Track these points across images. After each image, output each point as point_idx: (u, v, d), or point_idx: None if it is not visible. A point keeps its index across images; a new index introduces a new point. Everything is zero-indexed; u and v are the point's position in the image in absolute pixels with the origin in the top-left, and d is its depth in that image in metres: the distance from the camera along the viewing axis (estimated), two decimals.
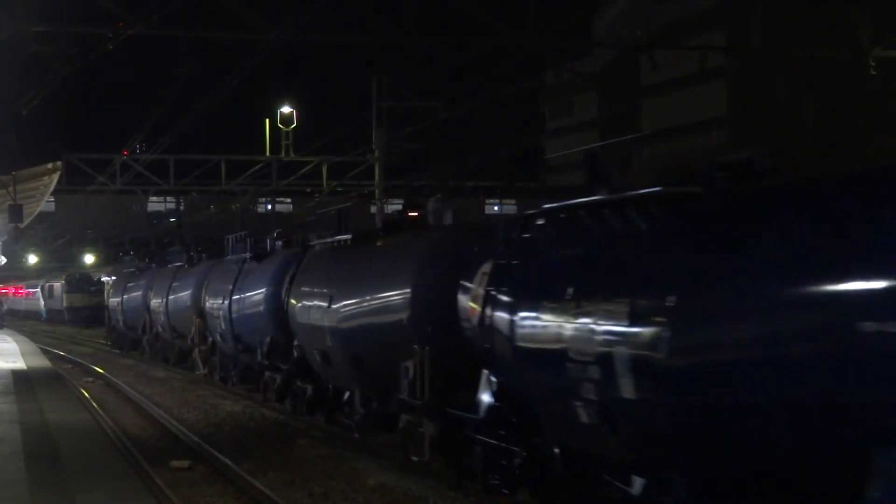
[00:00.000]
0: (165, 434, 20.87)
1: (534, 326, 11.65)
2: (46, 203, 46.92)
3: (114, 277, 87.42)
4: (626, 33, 44.24)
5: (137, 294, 42.13)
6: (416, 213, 19.02)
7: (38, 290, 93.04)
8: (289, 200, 68.71)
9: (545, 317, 11.31)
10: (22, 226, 37.30)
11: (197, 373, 32.58)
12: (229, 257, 30.35)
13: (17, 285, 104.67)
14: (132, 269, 47.05)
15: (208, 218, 68.99)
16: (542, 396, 11.81)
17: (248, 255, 27.74)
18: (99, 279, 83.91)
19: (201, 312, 31.33)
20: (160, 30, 23.41)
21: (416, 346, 15.48)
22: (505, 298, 12.39)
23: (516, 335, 11.95)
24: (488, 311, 12.76)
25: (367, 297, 17.58)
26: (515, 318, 12.00)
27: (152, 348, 40.18)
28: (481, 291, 13.05)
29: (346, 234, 20.73)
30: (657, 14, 47.17)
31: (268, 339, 24.25)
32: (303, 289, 20.88)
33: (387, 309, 16.85)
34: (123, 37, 22.75)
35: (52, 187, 36.59)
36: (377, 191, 40.84)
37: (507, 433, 12.88)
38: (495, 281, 12.78)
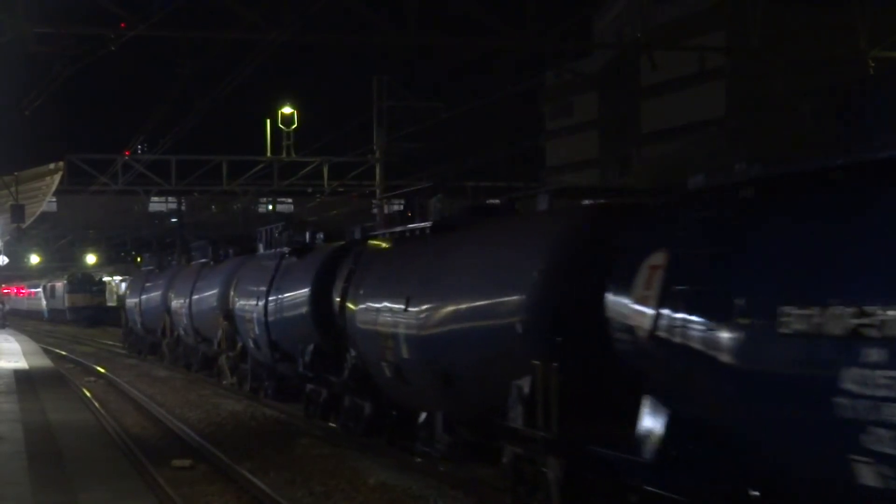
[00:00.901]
0: (167, 433, 20.94)
1: (768, 342, 8.12)
2: (48, 203, 47.04)
3: (116, 278, 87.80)
4: (626, 33, 44.27)
5: (156, 294, 39.04)
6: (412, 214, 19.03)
7: (40, 290, 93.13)
8: (290, 201, 68.82)
9: (794, 326, 7.83)
10: (24, 226, 37.39)
11: (224, 382, 29.54)
12: (263, 252, 26.72)
13: (20, 285, 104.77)
14: (151, 268, 43.67)
15: (209, 218, 69.07)
16: (778, 438, 8.28)
17: (286, 249, 24.24)
18: (101, 279, 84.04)
19: (229, 314, 28.22)
20: (161, 30, 23.49)
21: (536, 362, 12.13)
22: (701, 301, 9.01)
23: (728, 352, 8.53)
24: (665, 318, 9.47)
25: (464, 298, 14.18)
26: (723, 329, 8.58)
27: (173, 353, 37.11)
28: (652, 292, 9.76)
29: (417, 221, 17.25)
30: (657, 14, 47.18)
31: (311, 347, 21.31)
32: (365, 288, 17.63)
33: (494, 312, 13.32)
34: (125, 38, 22.83)
35: (53, 187, 36.69)
36: (378, 191, 40.90)
37: (694, 483, 9.58)
38: (678, 277, 9.48)
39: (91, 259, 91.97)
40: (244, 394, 27.02)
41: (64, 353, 44.77)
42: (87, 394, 27.24)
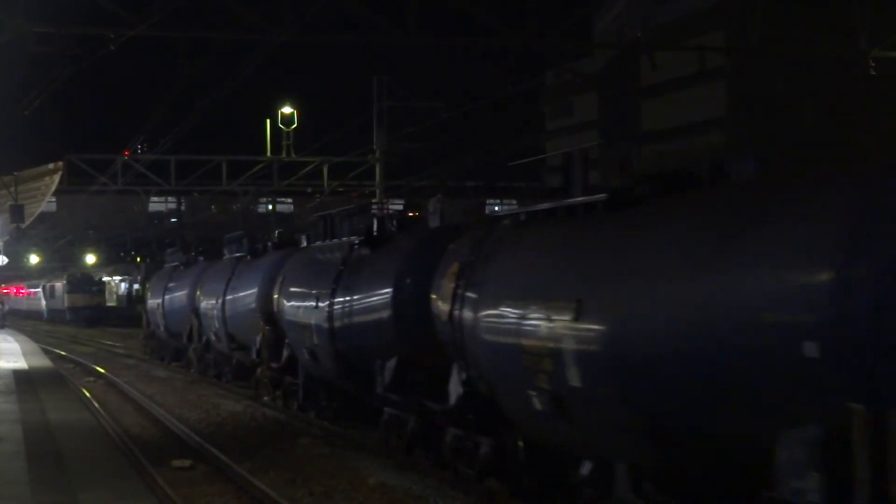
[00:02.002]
0: (167, 433, 20.92)
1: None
2: (48, 203, 47.06)
3: (115, 278, 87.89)
4: (626, 33, 44.27)
5: (182, 294, 34.64)
6: (415, 213, 19.04)
7: (40, 290, 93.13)
8: (290, 201, 68.83)
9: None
10: (23, 226, 37.40)
11: (266, 398, 25.03)
12: (321, 244, 21.93)
13: (19, 285, 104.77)
14: (175, 264, 38.82)
15: (209, 218, 69.08)
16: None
17: (355, 240, 19.76)
18: (100, 279, 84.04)
19: (272, 318, 24.11)
20: (161, 31, 23.49)
21: (855, 405, 7.65)
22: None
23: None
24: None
25: (704, 305, 9.05)
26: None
27: (201, 361, 32.81)
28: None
29: (568, 196, 12.65)
30: (657, 14, 47.20)
31: (394, 363, 16.96)
32: (491, 288, 12.81)
33: (767, 325, 8.37)
34: (125, 37, 22.83)
35: (53, 187, 36.71)
36: (378, 191, 40.90)
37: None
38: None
39: (91, 259, 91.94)
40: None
41: (63, 353, 44.75)
42: (87, 394, 27.22)
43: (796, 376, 8.12)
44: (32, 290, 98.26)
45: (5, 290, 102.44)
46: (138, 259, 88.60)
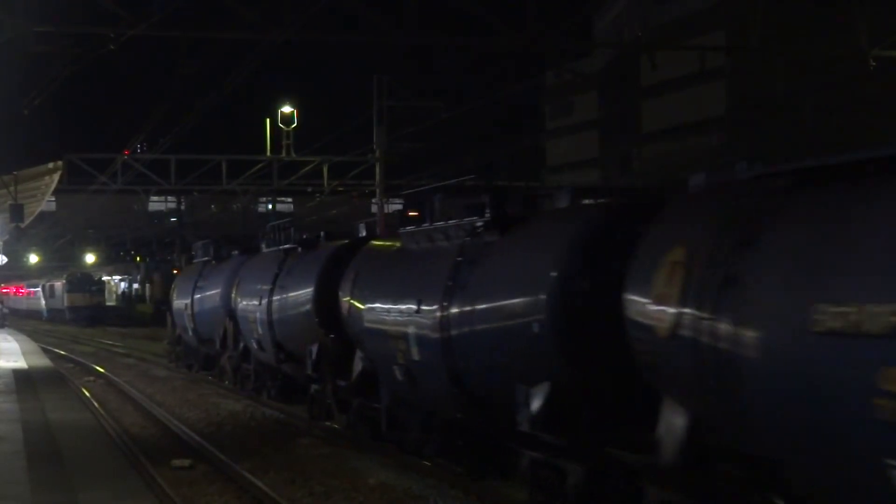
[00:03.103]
0: (166, 433, 20.92)
1: None
2: (47, 202, 47.07)
3: (115, 278, 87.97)
4: (626, 33, 44.27)
5: (214, 293, 29.77)
6: (416, 213, 19.00)
7: (40, 289, 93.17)
8: (290, 200, 68.82)
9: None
10: (23, 225, 37.39)
11: (328, 423, 20.52)
12: (427, 226, 16.00)
13: (19, 285, 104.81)
14: (206, 259, 33.35)
15: (209, 217, 69.09)
16: None
17: (478, 220, 14.35)
18: (100, 279, 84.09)
19: (334, 324, 19.47)
20: (161, 30, 23.48)
21: None
22: None
23: None
24: None
25: None
26: None
27: (237, 372, 28.17)
28: None
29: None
30: (657, 14, 47.20)
31: (546, 389, 12.18)
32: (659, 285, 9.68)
33: None
34: (125, 37, 22.82)
35: (53, 187, 36.70)
36: (378, 191, 40.90)
37: None
38: None
39: (90, 258, 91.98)
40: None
41: (63, 352, 44.75)
42: (87, 393, 27.22)
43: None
44: (32, 289, 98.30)
45: (5, 290, 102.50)
46: (138, 258, 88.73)
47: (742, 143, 44.37)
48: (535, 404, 12.22)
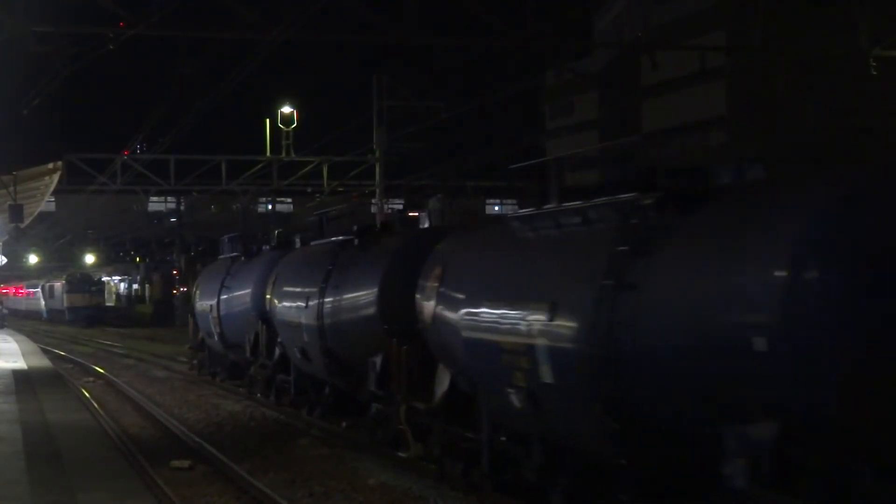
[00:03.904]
0: (166, 434, 20.89)
1: None
2: (47, 203, 46.98)
3: (115, 278, 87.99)
4: (626, 33, 44.27)
5: (244, 293, 26.39)
6: (416, 213, 19.01)
7: (39, 290, 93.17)
8: (289, 200, 68.79)
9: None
10: (22, 226, 37.34)
11: (403, 454, 16.71)
12: (527, 212, 13.06)
13: (18, 285, 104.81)
14: (234, 254, 29.60)
15: (209, 218, 69.07)
16: None
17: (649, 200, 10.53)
18: (99, 279, 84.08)
19: (407, 331, 16.02)
20: (161, 30, 23.45)
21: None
22: None
23: None
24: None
25: None
26: None
27: (269, 384, 24.72)
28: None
29: None
30: (657, 14, 47.22)
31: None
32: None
33: None
34: (124, 37, 22.79)
35: (52, 187, 36.61)
36: (377, 191, 40.88)
37: None
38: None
39: (90, 259, 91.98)
40: (243, 393, 25.55)
41: (62, 353, 44.73)
42: (86, 394, 27.19)
43: None
44: (31, 290, 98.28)
45: (4, 290, 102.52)
46: (137, 259, 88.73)
47: (742, 143, 44.34)
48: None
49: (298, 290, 21.10)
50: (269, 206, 63.90)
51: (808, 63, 37.81)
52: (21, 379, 28.58)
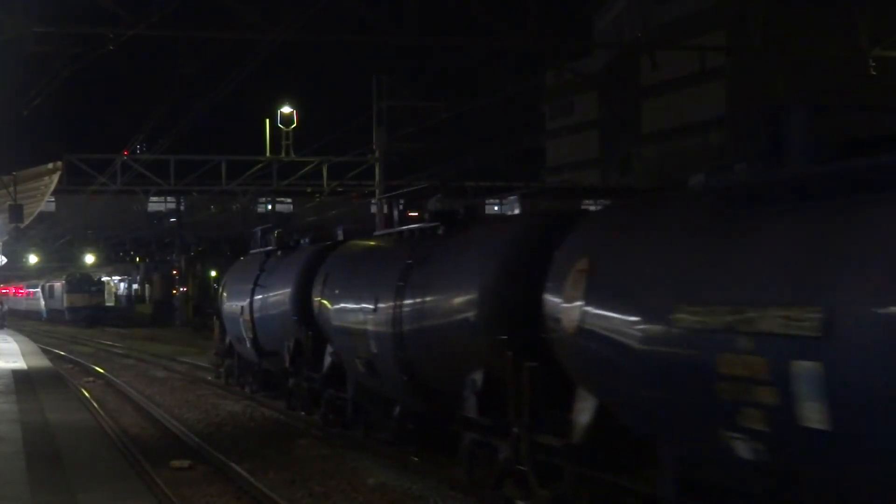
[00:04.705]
0: (166, 434, 20.89)
1: None
2: (47, 203, 46.91)
3: (115, 278, 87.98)
4: (626, 33, 44.25)
5: (283, 293, 22.52)
6: (416, 213, 18.92)
7: (39, 290, 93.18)
8: (289, 200, 68.76)
9: None
10: (22, 226, 37.34)
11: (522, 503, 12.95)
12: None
13: (18, 285, 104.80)
14: (270, 248, 25.67)
15: (209, 218, 69.05)
16: None
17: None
18: (99, 279, 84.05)
19: (518, 343, 12.65)
20: (161, 30, 23.44)
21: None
22: None
23: None
24: None
25: None
26: None
27: (317, 401, 20.99)
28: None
29: None
30: (657, 14, 47.20)
31: None
32: None
33: None
34: (124, 37, 22.79)
35: (52, 187, 36.57)
36: (377, 191, 40.86)
37: None
38: None
39: (90, 259, 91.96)
40: (243, 394, 25.66)
41: (62, 353, 44.73)
42: (86, 394, 27.18)
43: None
44: (31, 290, 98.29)
45: (4, 291, 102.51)
46: (137, 259, 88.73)
47: (742, 143, 44.35)
48: None
49: (362, 289, 17.19)
50: (269, 207, 63.88)
51: (808, 63, 37.82)
52: (21, 379, 28.57)
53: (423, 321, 15.04)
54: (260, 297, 24.31)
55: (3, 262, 52.87)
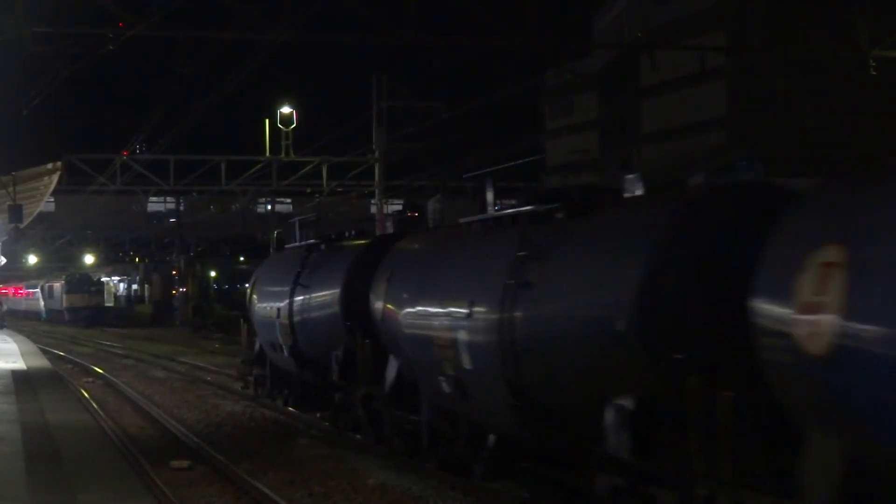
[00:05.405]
0: (165, 434, 20.86)
1: None
2: (46, 203, 46.96)
3: (114, 278, 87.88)
4: (626, 33, 44.23)
5: (332, 294, 19.14)
6: (415, 214, 18.87)
7: (38, 290, 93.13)
8: (289, 201, 68.74)
9: None
10: (22, 226, 37.32)
11: None
12: None
13: (17, 285, 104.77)
14: (311, 243, 22.11)
15: (208, 218, 69.05)
16: None
17: None
18: (99, 279, 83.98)
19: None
20: (160, 30, 23.42)
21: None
22: None
23: None
24: None
25: None
26: None
27: (377, 423, 17.84)
28: None
29: None
30: (657, 14, 47.17)
31: None
32: None
33: None
34: (124, 37, 22.76)
35: (52, 187, 36.58)
36: (377, 191, 40.85)
37: None
38: None
39: (89, 259, 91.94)
40: (243, 394, 25.94)
41: (62, 353, 44.68)
42: (85, 394, 27.15)
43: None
44: (31, 290, 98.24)
45: (4, 291, 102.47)
46: (137, 259, 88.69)
47: (742, 143, 44.33)
48: None
49: (449, 290, 14.16)
50: (269, 207, 63.86)
51: (808, 63, 37.80)
52: (20, 379, 28.54)
53: (548, 330, 11.51)
54: (301, 297, 20.86)
55: (3, 263, 52.86)
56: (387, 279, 16.15)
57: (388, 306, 15.90)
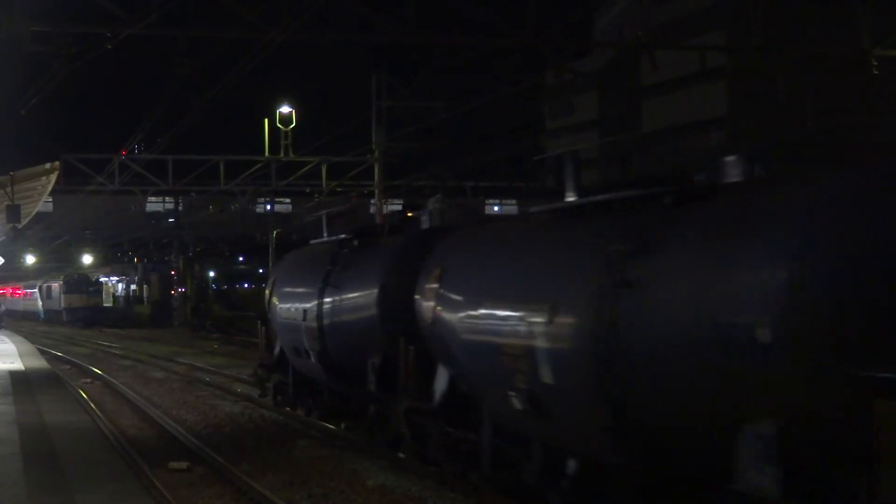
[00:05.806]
0: (164, 435, 20.80)
1: None
2: (44, 203, 46.86)
3: (112, 278, 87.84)
4: (626, 33, 44.17)
5: (365, 295, 17.55)
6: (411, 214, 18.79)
7: (36, 290, 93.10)
8: (288, 201, 68.70)
9: None
10: (20, 226, 37.25)
11: None
12: None
13: (15, 286, 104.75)
14: (342, 238, 20.19)
15: (207, 218, 68.97)
16: None
17: None
18: (97, 280, 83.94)
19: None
20: (159, 29, 23.34)
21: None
22: None
23: None
24: None
25: None
26: None
27: (424, 439, 15.90)
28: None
29: None
30: (657, 14, 47.13)
31: None
32: None
33: None
34: (122, 36, 22.69)
35: (50, 187, 36.51)
36: (377, 191, 40.79)
37: None
38: None
39: (87, 259, 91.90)
40: (242, 395, 25.70)
41: (60, 354, 44.63)
42: (84, 395, 27.09)
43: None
44: (29, 290, 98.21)
45: (2, 291, 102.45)
46: (135, 259, 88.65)
47: (742, 143, 44.29)
48: None
49: (519, 290, 12.13)
50: (268, 207, 63.81)
51: (808, 63, 37.75)
52: (18, 380, 28.48)
53: (661, 338, 9.47)
54: (331, 299, 18.84)
55: (1, 263, 52.81)
56: (437, 278, 14.24)
57: (440, 309, 14.00)
